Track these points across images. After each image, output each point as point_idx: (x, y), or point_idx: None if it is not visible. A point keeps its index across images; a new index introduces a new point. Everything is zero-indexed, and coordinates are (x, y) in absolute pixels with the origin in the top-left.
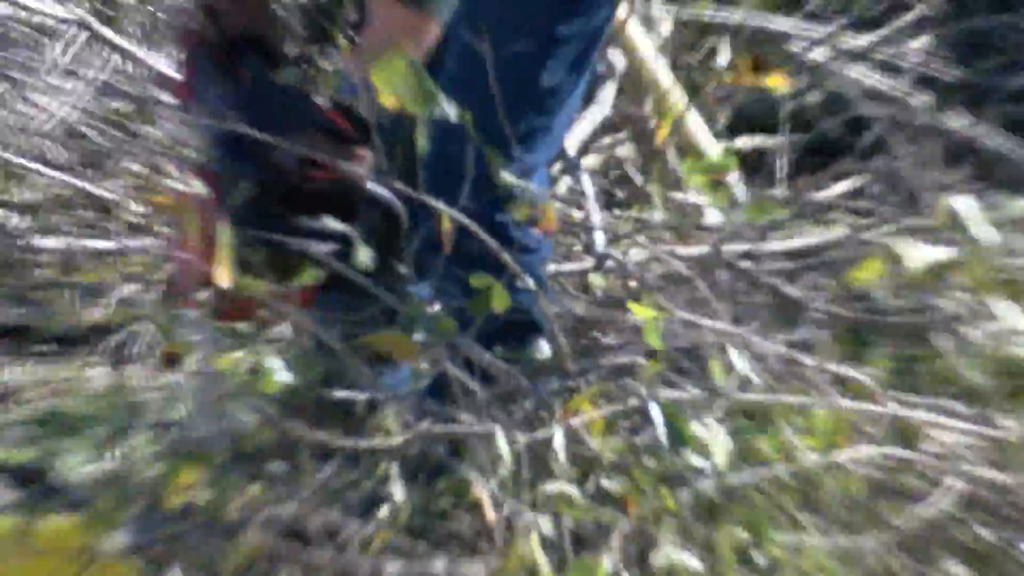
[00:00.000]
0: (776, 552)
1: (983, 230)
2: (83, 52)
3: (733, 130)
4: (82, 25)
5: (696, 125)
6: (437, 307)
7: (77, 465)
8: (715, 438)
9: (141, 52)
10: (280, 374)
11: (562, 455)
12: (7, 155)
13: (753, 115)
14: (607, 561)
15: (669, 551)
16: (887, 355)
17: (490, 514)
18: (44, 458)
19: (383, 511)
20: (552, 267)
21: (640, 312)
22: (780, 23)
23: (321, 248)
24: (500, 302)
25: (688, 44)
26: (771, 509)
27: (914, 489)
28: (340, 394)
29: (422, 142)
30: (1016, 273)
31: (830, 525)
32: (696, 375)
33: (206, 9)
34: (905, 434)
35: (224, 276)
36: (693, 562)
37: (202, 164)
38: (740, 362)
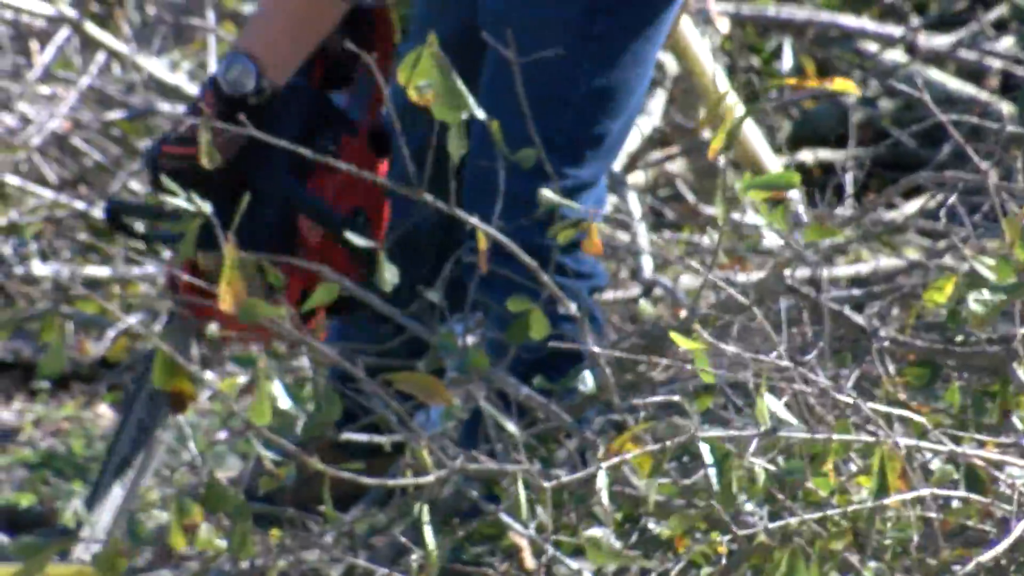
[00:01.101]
0: None
1: None
2: (74, 56)
3: (797, 142)
4: (73, 26)
5: (755, 136)
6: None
7: (82, 509)
8: (763, 478)
9: (139, 55)
10: (282, 400)
11: (605, 497)
12: None
13: (819, 125)
14: None
15: None
16: (961, 389)
17: (529, 561)
18: (46, 502)
19: (413, 558)
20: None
21: (687, 344)
22: (850, 21)
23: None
24: (539, 330)
25: (748, 45)
26: (822, 552)
27: (978, 532)
28: (363, 431)
29: (453, 150)
30: None
31: (884, 569)
32: (748, 411)
33: None
34: (973, 474)
35: (228, 301)
36: None
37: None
38: (783, 402)
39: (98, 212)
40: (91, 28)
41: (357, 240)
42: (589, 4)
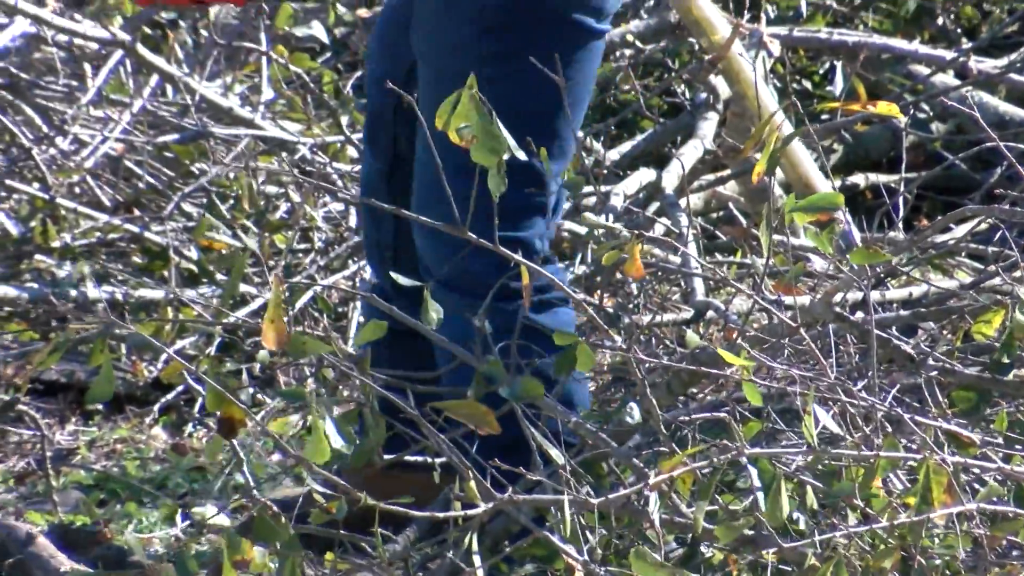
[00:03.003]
0: None
1: None
2: (128, 80)
3: (849, 165)
4: (126, 49)
5: (806, 159)
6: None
7: (137, 532)
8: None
9: (191, 79)
10: (334, 440)
11: (657, 520)
12: (48, 196)
13: (871, 148)
14: None
15: None
16: (1009, 414)
17: None
18: (101, 522)
19: None
20: (647, 318)
21: (737, 362)
22: (902, 45)
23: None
24: (585, 362)
25: (800, 68)
26: (870, 568)
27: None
28: (413, 459)
29: (493, 188)
30: None
31: None
32: (797, 432)
33: None
34: (1022, 491)
35: (271, 339)
36: None
37: None
38: (831, 421)
39: (152, 236)
40: (144, 51)
41: None
42: (480, 25)
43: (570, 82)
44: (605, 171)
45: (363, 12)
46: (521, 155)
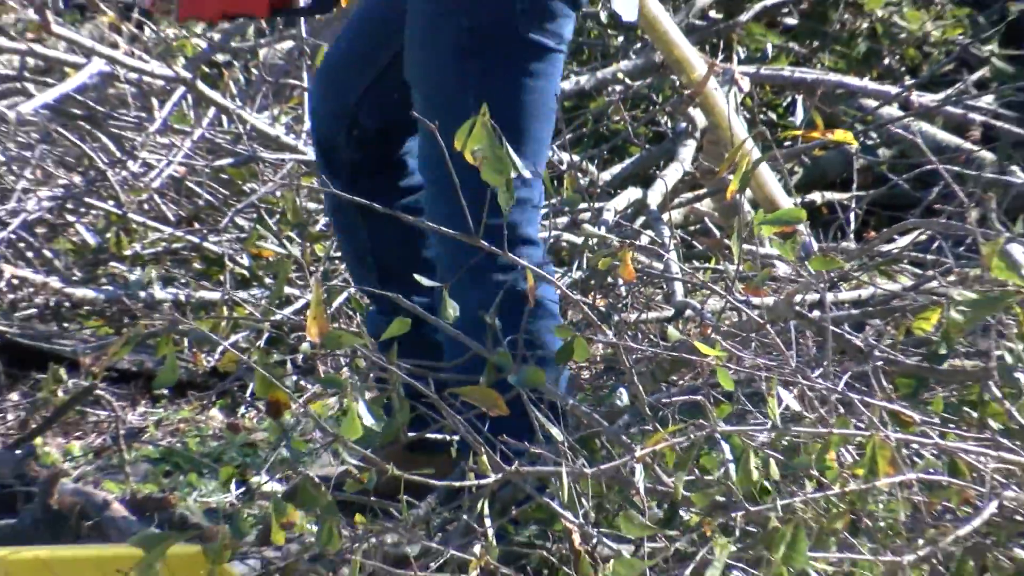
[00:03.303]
0: (826, 567)
1: None
2: (189, 111)
3: (808, 185)
4: (187, 85)
5: (771, 180)
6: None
7: (198, 499)
8: (772, 467)
9: (243, 111)
10: (366, 419)
11: (642, 488)
12: (121, 211)
13: (827, 170)
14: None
15: (721, 564)
16: (944, 397)
17: (578, 544)
18: (166, 490)
19: (477, 544)
20: (634, 315)
21: (711, 352)
22: (853, 81)
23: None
24: (581, 353)
25: (766, 102)
26: (823, 529)
27: (956, 511)
28: (433, 437)
29: (503, 203)
30: None
31: (876, 543)
32: (762, 412)
33: None
34: (954, 464)
35: (313, 333)
36: None
37: None
38: (793, 401)
39: (209, 245)
40: (203, 87)
41: None
42: (459, 50)
43: (539, 92)
44: (598, 190)
45: None
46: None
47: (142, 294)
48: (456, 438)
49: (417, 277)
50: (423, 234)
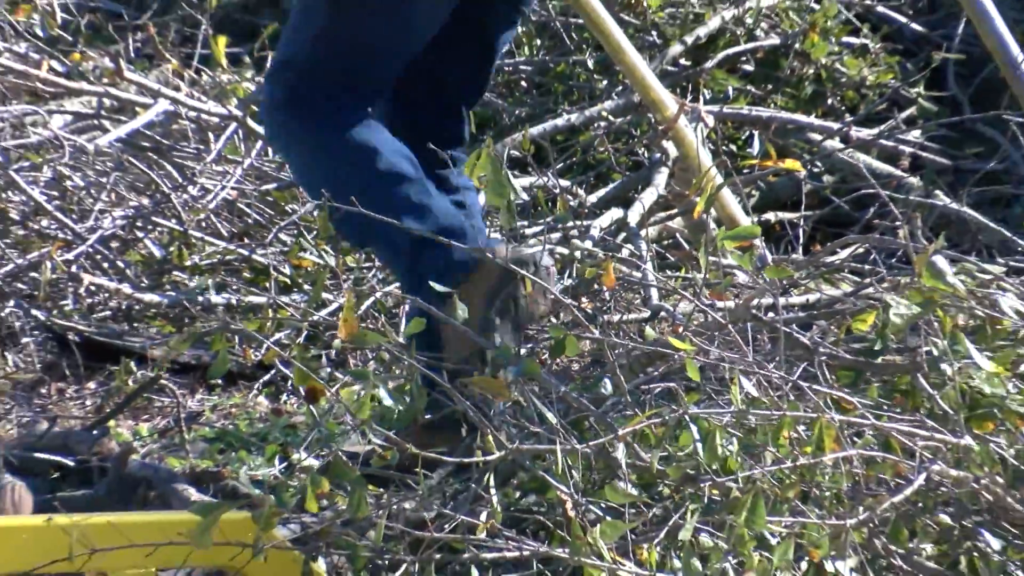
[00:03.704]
0: (781, 530)
1: (956, 285)
2: (240, 143)
3: (763, 206)
4: (238, 122)
5: (732, 202)
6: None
7: (247, 472)
8: (734, 446)
9: None
10: (386, 400)
11: (623, 463)
12: (182, 228)
13: (780, 193)
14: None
15: (691, 527)
16: (879, 386)
17: (570, 510)
18: (220, 465)
19: (484, 512)
20: (616, 316)
21: (682, 347)
22: (802, 118)
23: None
24: (572, 350)
25: (727, 136)
26: (778, 498)
27: (890, 482)
28: (446, 418)
29: (505, 223)
30: (981, 321)
31: (823, 509)
32: (726, 398)
33: None
34: (887, 442)
35: (344, 332)
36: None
37: None
38: (752, 388)
39: (257, 257)
40: (251, 124)
41: None
42: None
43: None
44: (586, 210)
45: None
46: None
47: (199, 299)
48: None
49: None
50: None
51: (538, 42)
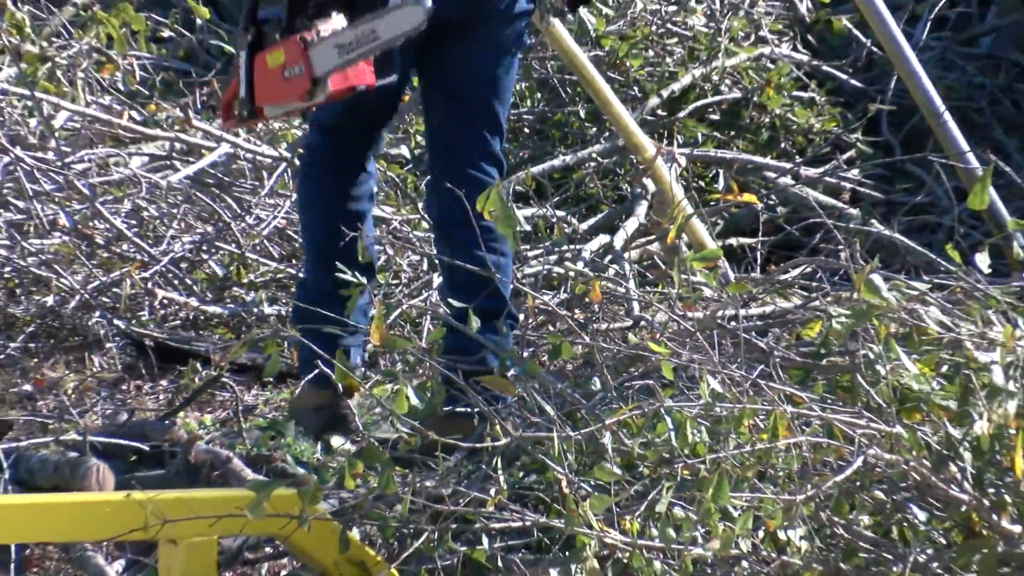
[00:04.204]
0: (742, 503)
1: (889, 299)
2: (289, 180)
3: (727, 232)
4: (287, 162)
5: (701, 229)
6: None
7: (293, 457)
8: (702, 433)
9: None
10: (412, 398)
11: (609, 447)
12: (241, 251)
13: (741, 222)
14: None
15: (666, 501)
16: (824, 384)
17: (565, 487)
18: (271, 451)
19: (492, 489)
20: (604, 325)
21: (659, 350)
22: (759, 159)
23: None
24: (567, 353)
25: (697, 174)
26: (739, 477)
27: (833, 464)
28: (462, 411)
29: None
30: (909, 329)
31: (777, 487)
32: (695, 393)
33: None
34: (831, 430)
35: (375, 337)
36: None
37: None
38: (717, 385)
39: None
40: (298, 163)
41: None
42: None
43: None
44: (578, 236)
45: None
46: None
47: (255, 310)
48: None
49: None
50: None
51: (539, 95)
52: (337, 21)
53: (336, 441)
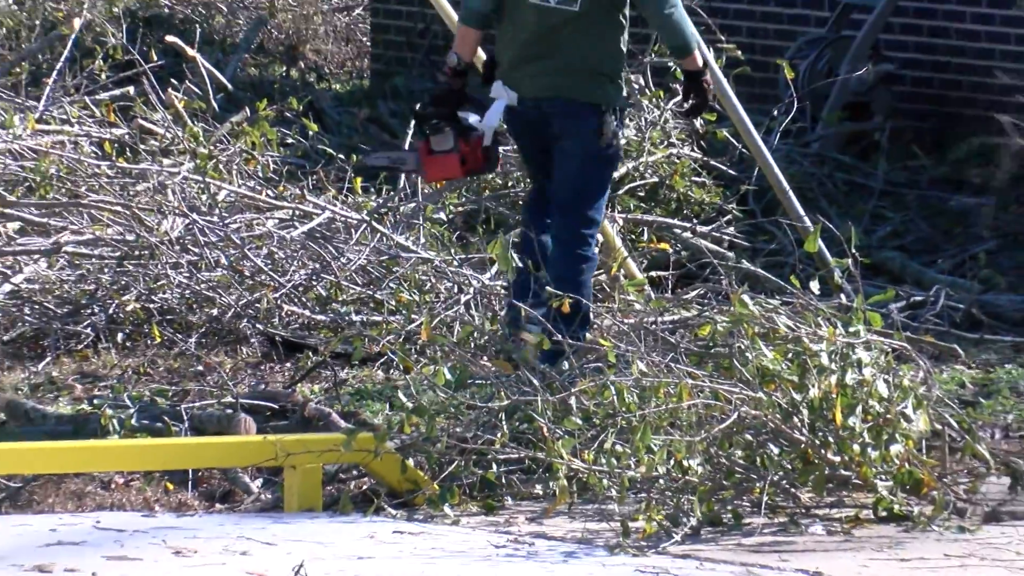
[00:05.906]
0: (659, 442)
1: (754, 311)
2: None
3: (650, 267)
4: (367, 223)
5: (632, 266)
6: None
7: (371, 414)
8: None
9: (394, 235)
10: (448, 375)
11: (575, 406)
12: (336, 279)
13: (659, 261)
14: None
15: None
16: (711, 365)
17: (546, 432)
18: (357, 410)
19: (499, 433)
20: None
21: (607, 345)
22: (672, 221)
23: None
24: (546, 345)
25: (631, 230)
26: (657, 425)
27: (719, 416)
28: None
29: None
30: (768, 330)
31: (682, 433)
32: (629, 373)
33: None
34: (717, 394)
35: (424, 335)
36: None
37: None
38: (643, 366)
39: (378, 295)
40: (375, 224)
41: None
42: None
43: None
44: None
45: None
46: None
47: (346, 318)
48: None
49: None
50: None
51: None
52: None
53: None
